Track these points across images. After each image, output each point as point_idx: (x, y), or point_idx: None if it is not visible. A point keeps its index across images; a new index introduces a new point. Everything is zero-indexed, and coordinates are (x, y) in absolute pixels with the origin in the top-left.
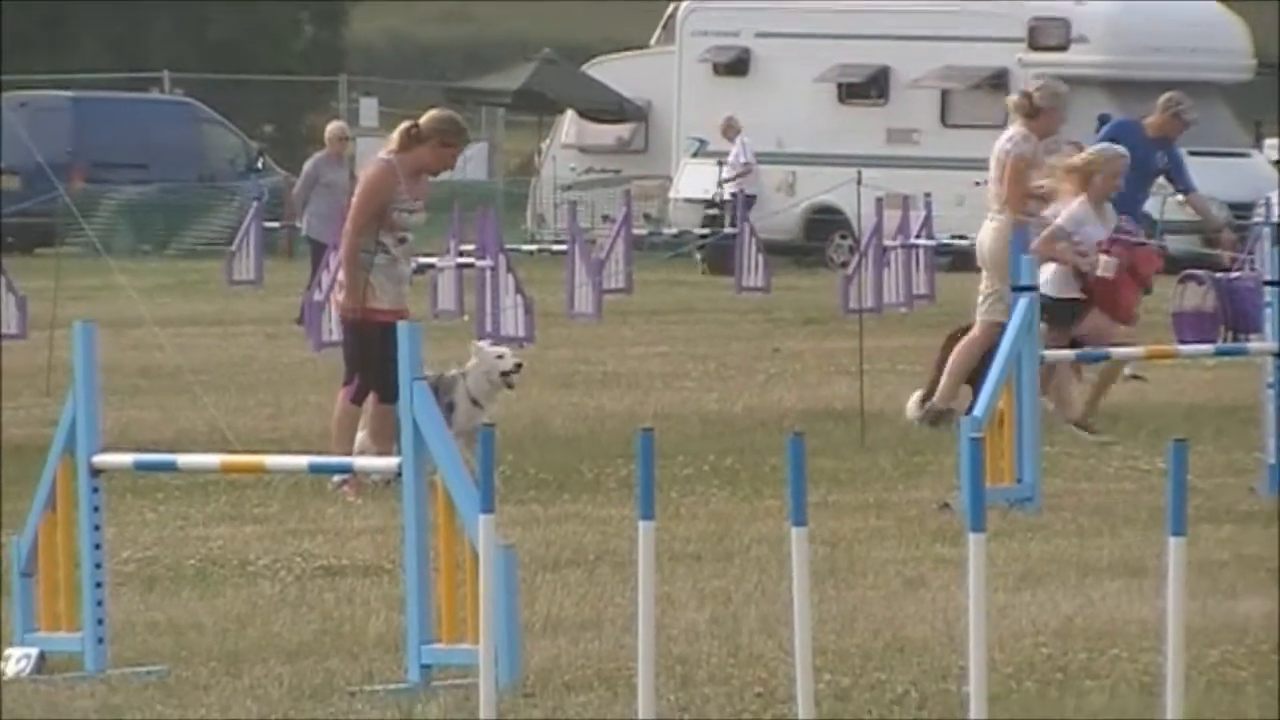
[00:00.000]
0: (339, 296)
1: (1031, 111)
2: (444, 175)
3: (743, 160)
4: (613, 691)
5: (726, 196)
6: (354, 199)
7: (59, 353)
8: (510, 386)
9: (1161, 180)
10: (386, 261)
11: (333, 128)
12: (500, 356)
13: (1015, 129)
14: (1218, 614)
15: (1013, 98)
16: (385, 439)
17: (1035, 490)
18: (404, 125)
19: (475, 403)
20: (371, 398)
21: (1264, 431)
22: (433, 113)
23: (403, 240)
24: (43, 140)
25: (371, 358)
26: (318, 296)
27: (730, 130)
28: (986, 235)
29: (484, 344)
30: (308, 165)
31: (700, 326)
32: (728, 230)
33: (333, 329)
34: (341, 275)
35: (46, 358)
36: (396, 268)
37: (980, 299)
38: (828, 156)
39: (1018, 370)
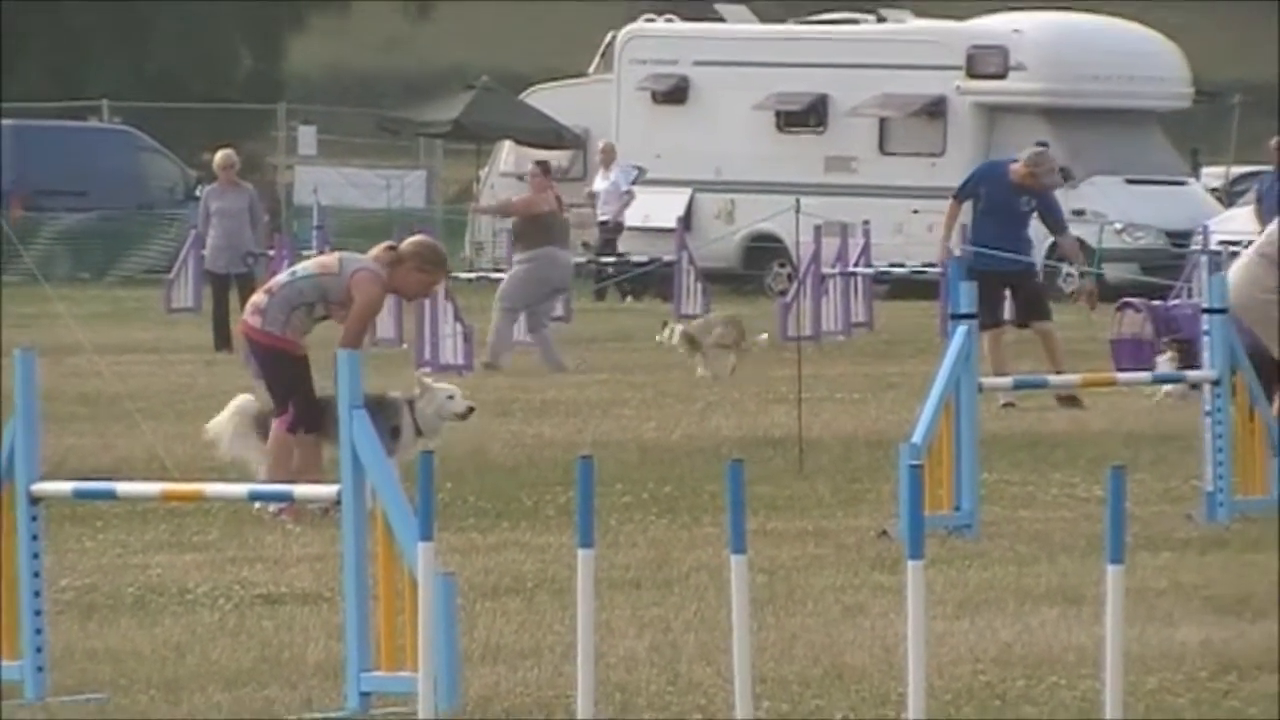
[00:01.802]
0: (251, 320)
1: None
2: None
3: (622, 189)
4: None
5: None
6: (355, 313)
7: None
8: (463, 417)
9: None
10: (304, 315)
11: (220, 157)
12: (451, 397)
13: None
14: (1155, 642)
15: None
16: (310, 463)
17: (974, 518)
18: (384, 245)
19: (420, 433)
20: (277, 423)
21: (1202, 459)
22: (414, 239)
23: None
24: None
25: (285, 376)
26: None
27: (607, 157)
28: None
29: (430, 380)
30: (202, 199)
31: (638, 354)
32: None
33: None
34: (256, 298)
35: None
36: (304, 316)
37: None
38: (766, 184)
39: (956, 397)
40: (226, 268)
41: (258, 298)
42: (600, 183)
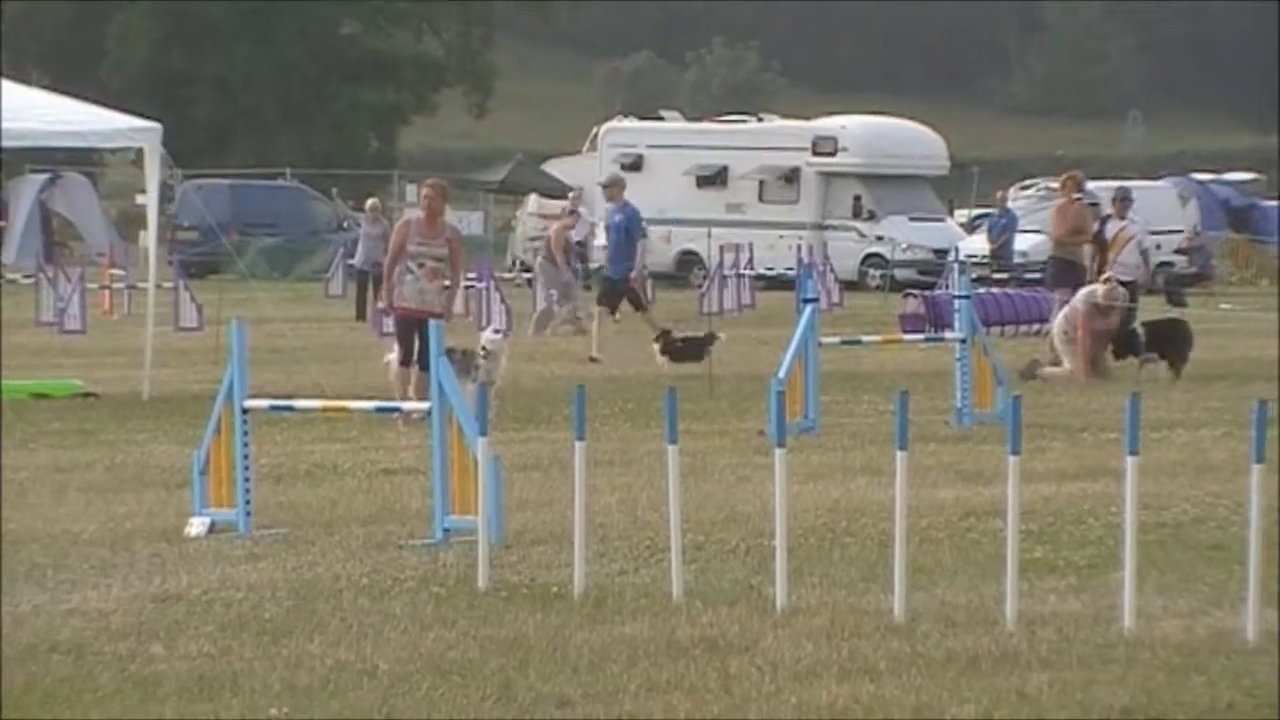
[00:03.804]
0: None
1: None
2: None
3: (588, 221)
4: (559, 545)
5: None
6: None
7: (222, 339)
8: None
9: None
10: (411, 279)
11: (370, 201)
12: (496, 331)
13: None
14: (925, 498)
15: None
16: (420, 390)
17: (815, 423)
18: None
19: (490, 369)
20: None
21: (954, 387)
22: (428, 180)
23: (421, 265)
24: (211, 208)
25: (404, 335)
26: (379, 305)
27: (575, 202)
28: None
29: (488, 334)
30: (364, 226)
31: (612, 322)
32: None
33: (386, 324)
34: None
35: (215, 342)
36: (418, 283)
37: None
38: (691, 220)
39: (805, 349)
40: (365, 268)
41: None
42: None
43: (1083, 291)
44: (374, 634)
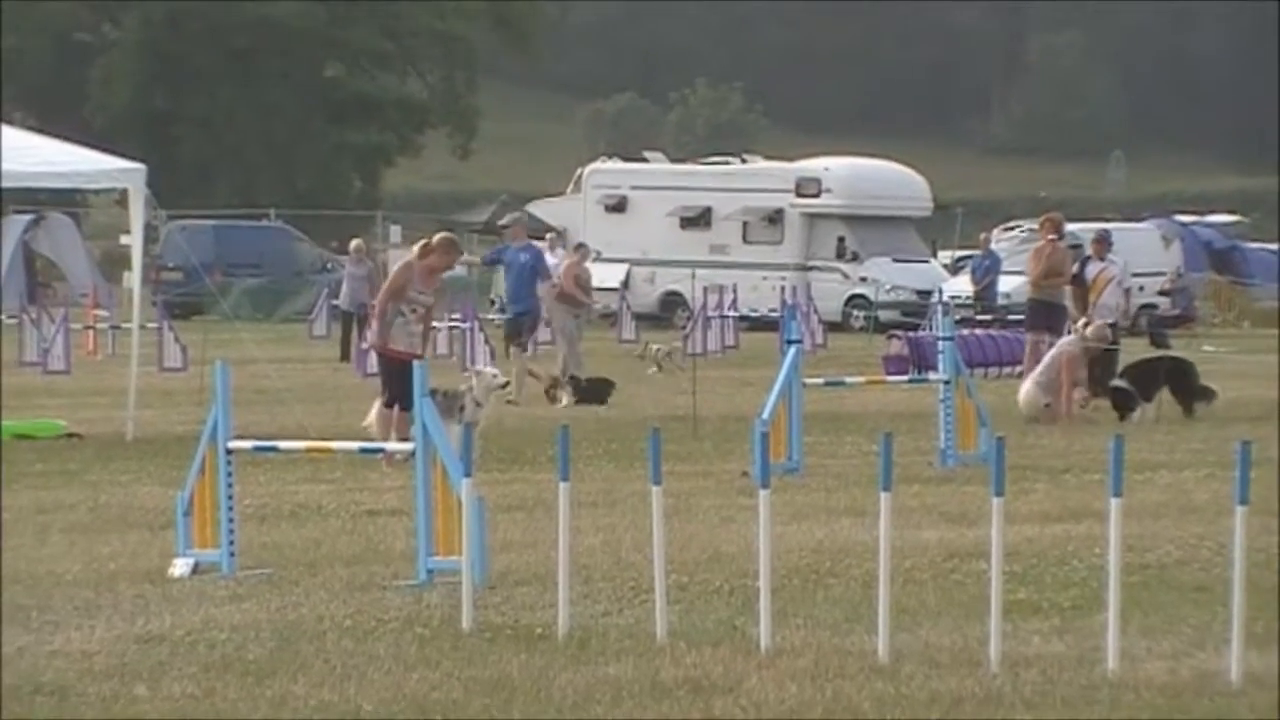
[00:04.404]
0: (372, 339)
1: None
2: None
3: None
4: (543, 586)
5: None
6: (386, 282)
7: (206, 380)
8: (504, 388)
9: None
10: (402, 322)
11: (354, 243)
12: (495, 375)
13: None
14: (910, 539)
15: None
16: (401, 430)
17: (799, 464)
18: (423, 241)
19: (478, 403)
20: (379, 403)
21: (937, 428)
22: (441, 234)
23: (414, 310)
24: (195, 249)
25: (390, 378)
26: (363, 345)
27: (554, 243)
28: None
29: (481, 367)
30: (347, 267)
31: (594, 363)
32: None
33: (370, 364)
34: (375, 327)
35: (199, 383)
36: (408, 326)
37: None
38: (674, 261)
39: (789, 390)
40: (350, 309)
41: (371, 325)
42: (550, 259)
43: (1069, 336)
44: (358, 675)
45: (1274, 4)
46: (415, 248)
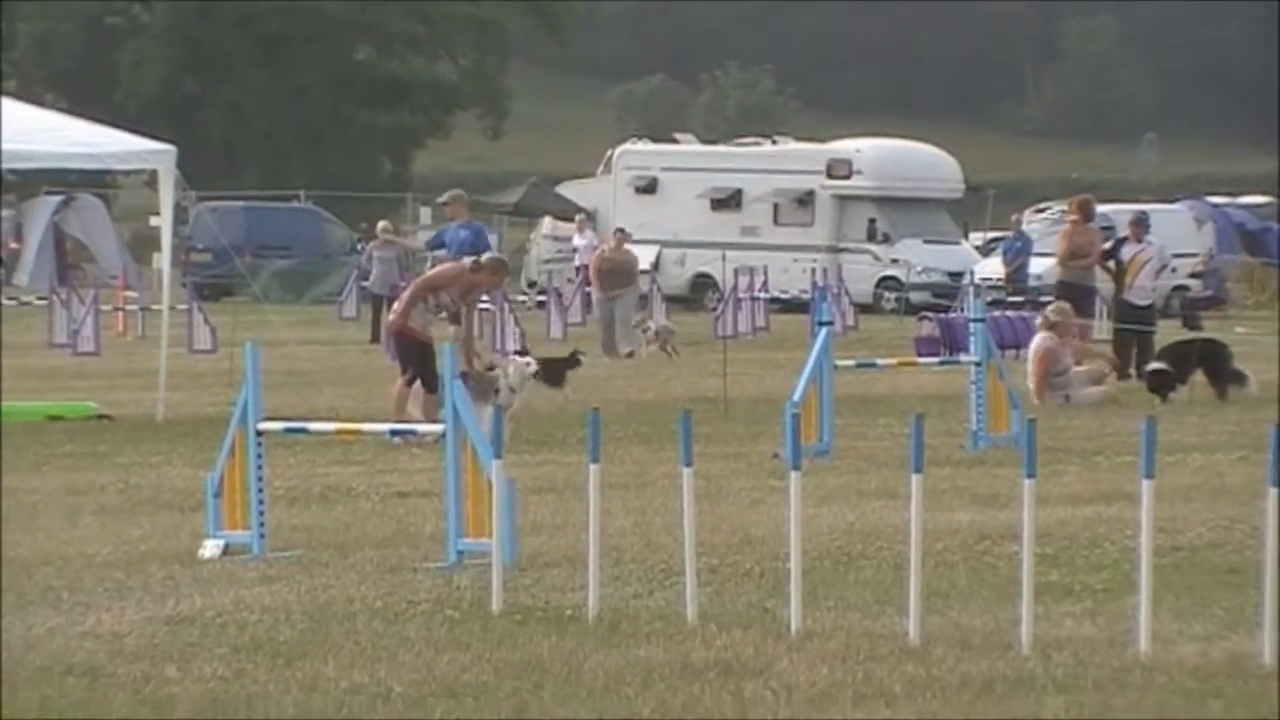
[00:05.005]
0: (391, 318)
1: None
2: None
3: (595, 245)
4: (573, 568)
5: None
6: (431, 271)
7: (236, 361)
8: (537, 376)
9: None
10: (422, 308)
11: (381, 224)
12: (528, 364)
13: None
14: (941, 521)
15: None
16: (430, 412)
17: (830, 446)
18: (472, 259)
19: (512, 389)
20: (403, 383)
21: (968, 410)
22: (490, 254)
23: (439, 310)
24: (225, 231)
25: (408, 357)
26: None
27: (582, 225)
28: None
29: (516, 357)
30: (368, 249)
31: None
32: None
33: None
34: (398, 306)
35: (229, 364)
36: (427, 315)
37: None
38: (705, 243)
39: (820, 372)
40: (381, 291)
41: (396, 304)
42: (578, 240)
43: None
44: (388, 657)
45: None
46: (466, 262)
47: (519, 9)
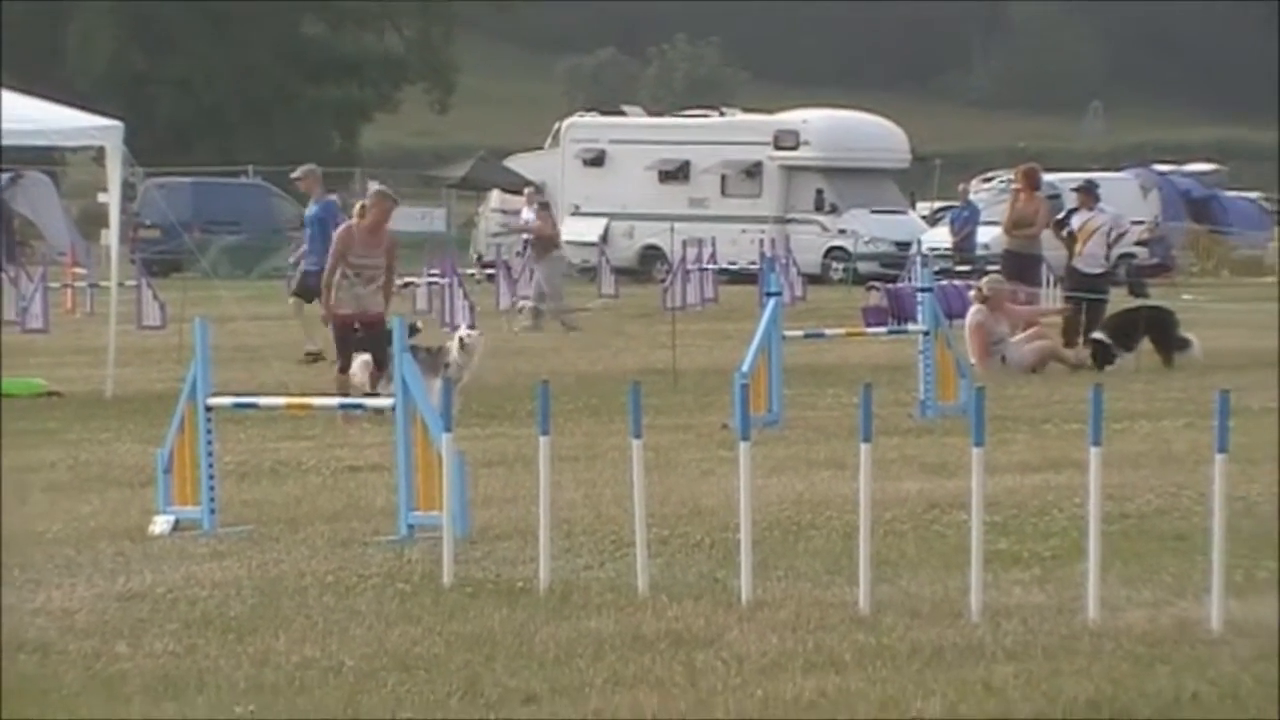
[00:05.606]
0: (321, 309)
1: None
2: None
3: (533, 222)
4: (524, 540)
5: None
6: (330, 251)
7: (185, 337)
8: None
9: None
10: (347, 285)
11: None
12: (479, 335)
13: None
14: (889, 490)
15: None
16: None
17: (779, 416)
18: (358, 204)
19: (460, 365)
20: (357, 363)
21: (917, 379)
22: (372, 188)
23: (359, 274)
24: (173, 207)
25: (341, 344)
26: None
27: (530, 199)
28: None
29: (464, 330)
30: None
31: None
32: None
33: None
34: (324, 296)
35: (178, 340)
36: (354, 289)
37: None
38: (653, 215)
39: (769, 343)
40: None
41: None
42: (526, 214)
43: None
44: (339, 631)
45: None
46: (355, 209)
47: None
